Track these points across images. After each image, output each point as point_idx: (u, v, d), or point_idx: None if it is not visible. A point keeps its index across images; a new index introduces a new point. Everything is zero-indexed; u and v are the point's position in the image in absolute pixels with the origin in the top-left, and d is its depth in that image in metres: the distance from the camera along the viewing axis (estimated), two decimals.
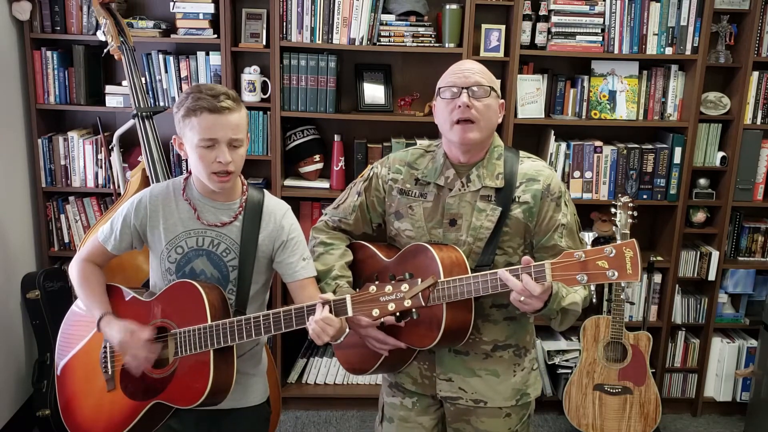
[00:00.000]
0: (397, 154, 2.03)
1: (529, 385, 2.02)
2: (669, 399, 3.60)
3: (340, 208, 2.08)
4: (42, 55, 3.20)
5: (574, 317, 1.86)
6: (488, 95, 1.85)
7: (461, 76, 1.85)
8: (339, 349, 2.10)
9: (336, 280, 1.95)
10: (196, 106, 1.75)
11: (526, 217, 1.88)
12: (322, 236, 2.05)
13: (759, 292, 3.57)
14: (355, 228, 2.07)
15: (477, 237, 1.87)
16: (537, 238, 1.91)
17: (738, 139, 3.32)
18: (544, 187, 1.88)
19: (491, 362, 1.97)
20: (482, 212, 1.87)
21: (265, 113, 3.26)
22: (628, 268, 1.58)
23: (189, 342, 1.79)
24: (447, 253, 1.84)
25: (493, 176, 1.89)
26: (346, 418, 3.46)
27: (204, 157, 1.78)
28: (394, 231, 2.00)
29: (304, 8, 3.14)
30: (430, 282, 1.61)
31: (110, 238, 1.92)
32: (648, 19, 3.23)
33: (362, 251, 2.05)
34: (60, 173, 3.30)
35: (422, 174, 1.96)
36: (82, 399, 1.96)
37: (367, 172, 2.08)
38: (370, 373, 2.02)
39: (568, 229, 1.90)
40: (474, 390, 1.97)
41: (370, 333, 1.87)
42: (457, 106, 1.82)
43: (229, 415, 1.94)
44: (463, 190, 1.89)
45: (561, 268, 1.64)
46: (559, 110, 3.37)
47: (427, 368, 1.99)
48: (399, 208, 1.97)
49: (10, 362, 3.11)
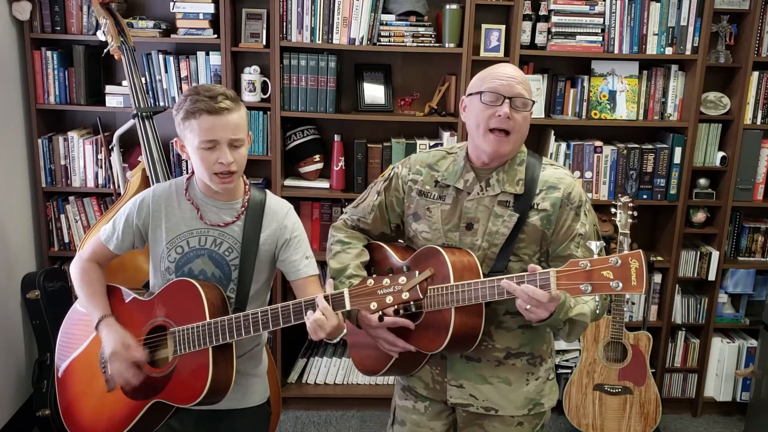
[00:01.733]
0: (419, 155, 2.01)
1: (544, 394, 1.97)
2: (669, 399, 3.60)
3: (360, 207, 2.06)
4: (42, 55, 3.20)
5: (582, 329, 1.82)
6: (528, 109, 1.83)
7: (506, 84, 1.80)
8: (353, 349, 2.10)
9: (350, 279, 1.93)
10: (194, 108, 1.75)
11: (543, 225, 1.85)
12: (340, 235, 2.04)
13: (759, 292, 3.57)
14: (373, 227, 2.05)
15: (492, 242, 1.84)
16: (553, 247, 1.87)
17: (738, 139, 3.32)
18: (565, 195, 1.84)
19: (503, 370, 1.92)
20: (499, 217, 1.84)
21: (265, 113, 3.26)
22: (633, 279, 1.55)
23: (188, 340, 1.79)
24: (459, 257, 1.82)
25: (514, 182, 1.86)
26: (346, 418, 3.46)
27: (205, 159, 1.78)
28: (411, 232, 1.98)
29: (304, 8, 3.14)
30: (427, 274, 1.60)
31: (112, 238, 1.92)
32: (648, 19, 3.23)
33: (379, 252, 2.04)
34: (60, 173, 3.30)
35: (442, 176, 1.93)
36: (83, 401, 1.96)
37: (387, 172, 2.06)
38: (381, 374, 2.00)
39: (586, 239, 1.85)
40: (485, 397, 1.93)
41: (379, 334, 1.86)
42: (497, 114, 1.78)
43: (229, 416, 1.94)
44: (481, 194, 1.87)
45: (566, 276, 1.61)
46: (559, 110, 3.37)
47: (439, 373, 1.97)
48: (417, 209, 1.95)
49: (10, 362, 3.11)
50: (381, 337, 1.87)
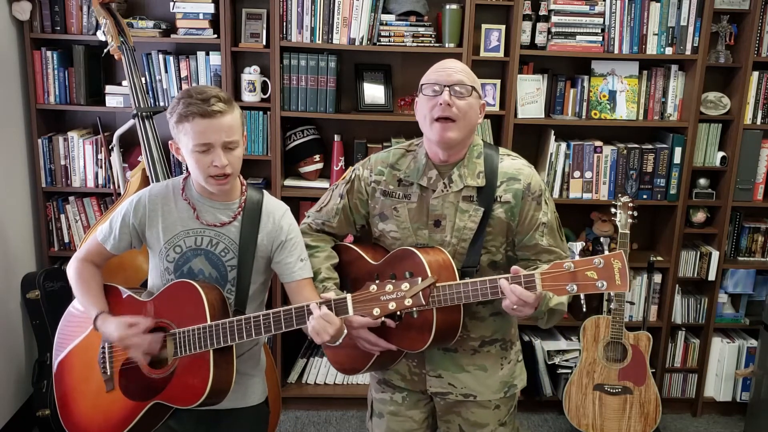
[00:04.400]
0: (379, 155, 2.04)
1: (516, 376, 2.07)
2: (669, 399, 3.60)
3: (323, 211, 2.09)
4: (42, 55, 3.20)
5: (560, 316, 1.90)
6: (470, 94, 1.86)
7: (444, 74, 1.86)
8: (329, 349, 2.10)
9: (323, 282, 1.95)
10: (187, 111, 1.75)
11: (508, 217, 1.90)
12: (307, 239, 2.04)
13: (759, 292, 3.57)
14: (339, 230, 2.09)
15: (461, 238, 1.89)
16: (519, 237, 1.93)
17: (738, 139, 3.32)
18: (525, 186, 1.91)
19: (479, 357, 2.00)
20: (465, 213, 1.89)
21: (265, 113, 3.26)
22: (617, 278, 1.62)
23: (188, 342, 1.79)
24: (434, 256, 1.85)
25: (474, 175, 1.90)
26: (346, 418, 3.46)
27: (200, 162, 1.78)
28: (378, 232, 2.01)
29: (304, 8, 3.14)
30: (430, 281, 1.62)
31: (109, 238, 1.92)
32: (648, 19, 3.23)
33: (348, 253, 2.05)
34: (60, 173, 3.30)
35: (405, 174, 1.97)
36: (79, 399, 1.96)
37: (348, 174, 2.08)
38: (361, 372, 2.03)
39: (549, 227, 1.92)
40: (463, 385, 2.00)
41: (361, 334, 1.87)
42: (438, 103, 1.83)
43: (228, 416, 1.94)
44: (446, 191, 1.91)
45: (551, 278, 1.67)
46: (559, 110, 3.37)
47: (416, 365, 2.02)
48: (383, 209, 1.98)
49: (10, 362, 3.11)
50: (362, 337, 1.88)
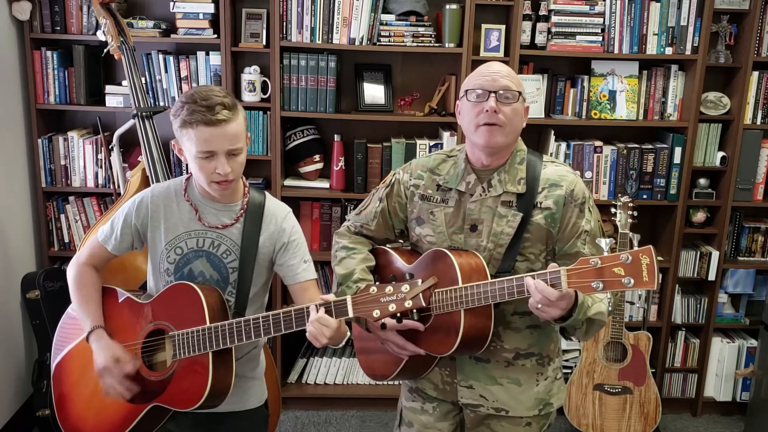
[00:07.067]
0: (420, 160, 2.01)
1: (553, 394, 1.97)
2: (669, 399, 3.60)
3: (362, 214, 2.06)
4: (42, 55, 3.20)
5: (600, 327, 1.81)
6: (516, 100, 1.81)
7: (490, 79, 1.81)
8: (362, 355, 2.10)
9: (357, 283, 1.93)
10: (191, 119, 1.73)
11: (548, 224, 1.84)
12: (344, 241, 2.04)
13: (759, 292, 3.57)
14: (377, 233, 2.05)
15: (498, 243, 1.84)
16: (559, 245, 1.86)
17: (738, 139, 3.32)
18: (567, 193, 1.84)
19: (513, 370, 1.92)
20: (503, 218, 1.84)
21: (265, 113, 3.26)
22: (645, 275, 1.54)
23: (187, 344, 1.78)
24: (467, 259, 1.81)
25: (515, 181, 1.85)
26: (346, 418, 3.46)
27: (203, 168, 1.77)
28: (415, 237, 1.98)
29: (304, 8, 3.14)
30: (430, 282, 1.60)
31: (110, 238, 1.92)
32: (648, 19, 3.23)
33: (384, 257, 2.03)
34: (60, 173, 3.30)
35: (444, 180, 1.93)
36: (77, 401, 1.95)
37: (389, 178, 2.06)
38: (391, 379, 2.00)
39: (592, 235, 1.84)
40: (495, 398, 1.93)
41: (389, 337, 1.86)
42: (484, 109, 1.78)
43: (227, 419, 1.94)
44: (484, 195, 1.86)
45: (577, 274, 1.60)
46: (559, 110, 3.37)
47: (449, 374, 1.97)
48: (420, 213, 1.95)
49: (10, 362, 3.11)
50: (390, 340, 1.87)
